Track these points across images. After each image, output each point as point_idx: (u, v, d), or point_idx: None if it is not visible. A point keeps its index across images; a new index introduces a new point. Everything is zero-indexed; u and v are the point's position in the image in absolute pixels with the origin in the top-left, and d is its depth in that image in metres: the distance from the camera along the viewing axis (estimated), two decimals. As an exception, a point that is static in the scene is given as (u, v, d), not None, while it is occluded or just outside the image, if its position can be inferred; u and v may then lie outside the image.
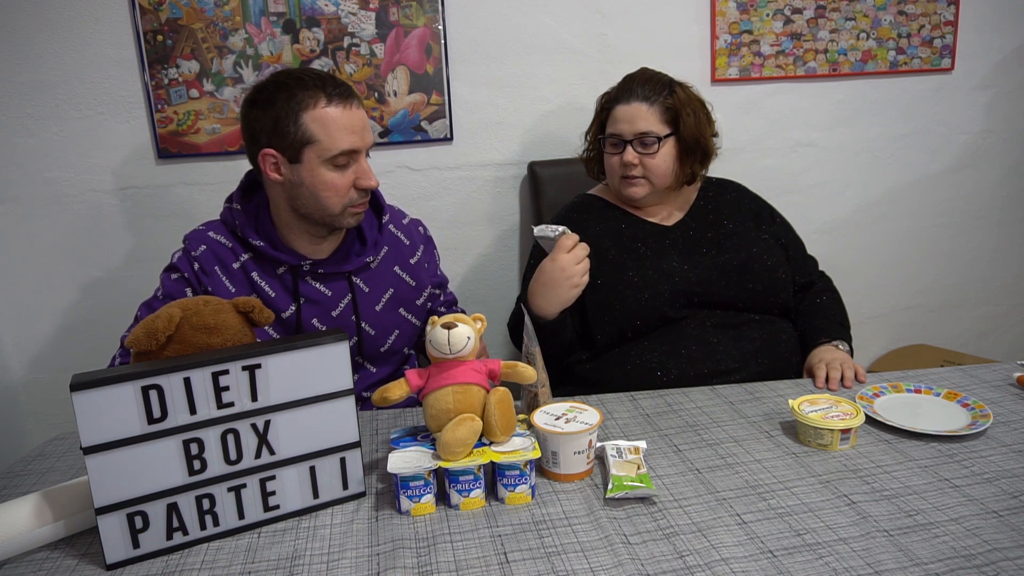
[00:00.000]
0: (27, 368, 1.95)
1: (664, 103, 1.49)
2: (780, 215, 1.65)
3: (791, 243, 1.61)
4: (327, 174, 1.25)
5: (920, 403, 1.24)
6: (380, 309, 1.40)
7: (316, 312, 1.34)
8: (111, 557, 0.90)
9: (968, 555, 0.85)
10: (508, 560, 0.87)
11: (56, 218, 1.88)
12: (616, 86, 1.56)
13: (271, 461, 0.96)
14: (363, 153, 1.28)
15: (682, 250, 1.52)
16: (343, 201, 1.28)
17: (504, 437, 1.03)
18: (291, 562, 0.89)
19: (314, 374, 0.97)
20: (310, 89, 1.23)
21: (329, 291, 1.35)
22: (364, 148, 1.28)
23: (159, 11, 1.79)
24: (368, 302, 1.39)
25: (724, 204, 1.60)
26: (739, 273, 1.48)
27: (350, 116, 1.25)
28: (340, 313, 1.36)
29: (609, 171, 1.55)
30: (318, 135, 1.23)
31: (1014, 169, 2.35)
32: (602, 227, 1.54)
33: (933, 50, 2.19)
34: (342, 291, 1.36)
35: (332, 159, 1.24)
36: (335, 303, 1.36)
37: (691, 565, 0.85)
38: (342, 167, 1.26)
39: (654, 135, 1.48)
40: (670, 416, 1.24)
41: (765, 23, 2.08)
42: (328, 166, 1.25)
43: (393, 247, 1.44)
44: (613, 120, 1.52)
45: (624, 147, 1.50)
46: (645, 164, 1.49)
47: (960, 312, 2.45)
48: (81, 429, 0.85)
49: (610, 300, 1.46)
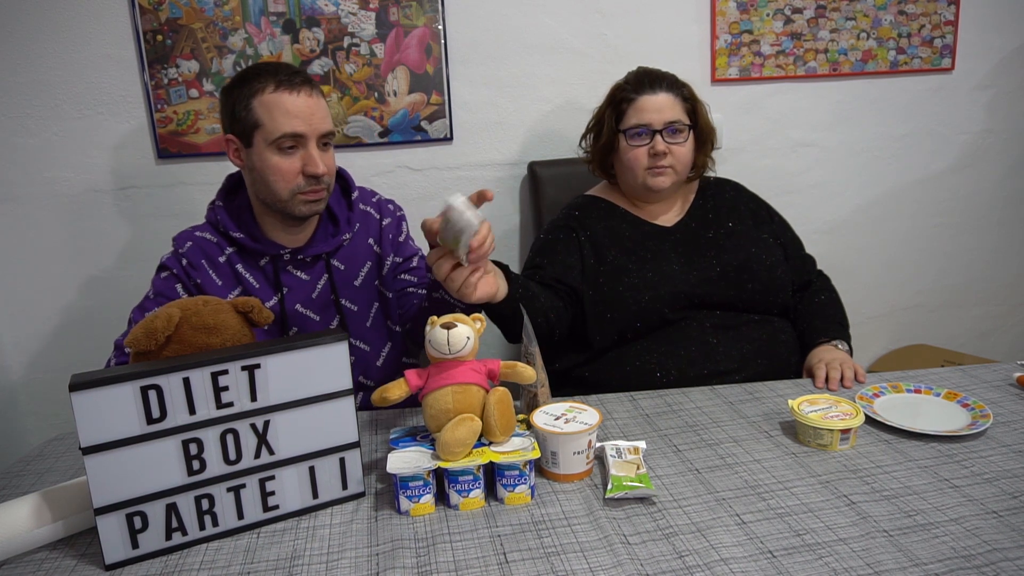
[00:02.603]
0: (27, 368, 1.95)
1: (683, 95, 1.53)
2: (778, 214, 1.65)
3: (789, 242, 1.61)
4: (272, 158, 1.29)
5: (920, 403, 1.24)
6: (359, 284, 1.44)
7: (299, 298, 1.38)
8: (110, 557, 0.90)
9: (968, 555, 0.85)
10: (507, 560, 0.87)
11: (56, 218, 1.88)
12: (631, 82, 1.55)
13: (270, 461, 0.96)
14: (312, 139, 1.30)
15: (682, 252, 1.52)
16: (290, 187, 1.31)
17: (503, 437, 1.03)
18: (290, 562, 0.89)
19: (313, 374, 0.97)
20: (262, 76, 1.29)
21: (307, 276, 1.40)
22: (310, 134, 1.29)
23: (159, 11, 1.79)
24: (346, 279, 1.42)
25: (723, 203, 1.60)
26: (738, 273, 1.48)
27: (295, 101, 1.28)
28: (319, 294, 1.40)
29: (632, 163, 1.52)
30: (263, 119, 1.28)
31: (1014, 169, 2.35)
32: (604, 227, 1.54)
33: (933, 50, 2.19)
34: (319, 273, 1.40)
35: (276, 142, 1.28)
36: (313, 286, 1.40)
37: (690, 565, 0.85)
38: (288, 152, 1.29)
39: (682, 123, 1.51)
40: (670, 416, 1.24)
41: (765, 23, 2.08)
42: (273, 149, 1.29)
43: (364, 222, 1.47)
44: (638, 110, 1.51)
45: (653, 137, 1.50)
46: (673, 153, 1.50)
47: (960, 312, 2.45)
48: (80, 429, 0.85)
49: (610, 302, 1.46)
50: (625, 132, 1.52)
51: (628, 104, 1.53)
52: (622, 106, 1.54)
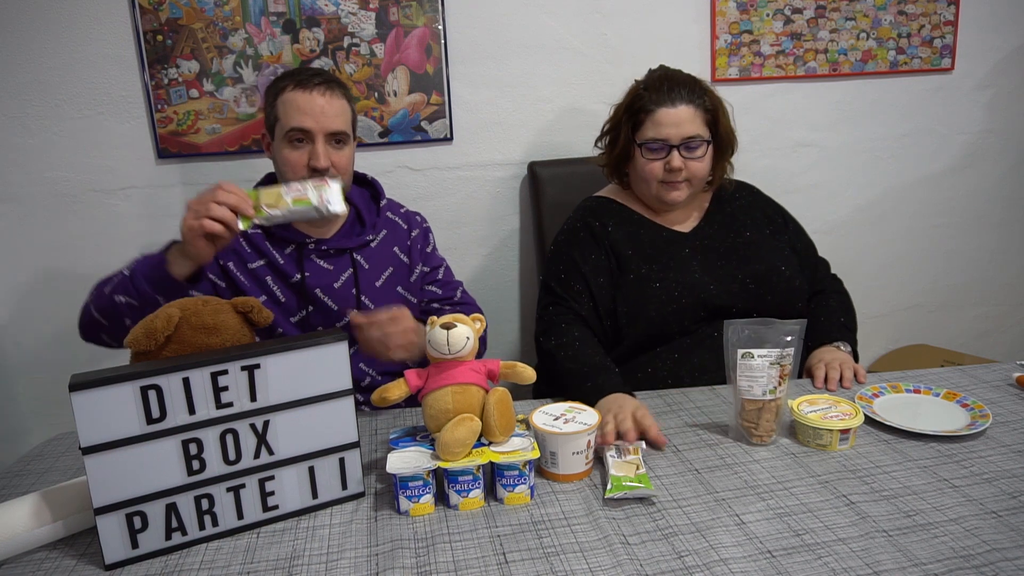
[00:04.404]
0: (27, 368, 1.95)
1: (704, 105, 1.47)
2: (793, 219, 1.63)
3: (804, 248, 1.60)
4: (284, 150, 1.38)
5: (919, 403, 1.24)
6: (380, 285, 1.47)
7: (320, 283, 1.42)
8: (110, 557, 0.90)
9: (967, 555, 0.85)
10: (507, 560, 0.88)
11: (56, 218, 1.88)
12: (651, 87, 1.48)
13: (270, 461, 0.97)
14: (319, 135, 1.36)
15: (702, 259, 1.49)
16: (298, 178, 1.35)
17: (503, 437, 1.03)
18: (290, 562, 0.90)
19: (313, 374, 0.97)
20: (288, 77, 1.40)
21: (331, 266, 1.44)
22: (317, 130, 1.36)
23: (159, 11, 1.79)
24: (368, 278, 1.46)
25: (739, 209, 1.57)
26: (759, 285, 1.46)
27: (307, 99, 1.36)
28: (342, 285, 1.44)
29: (647, 176, 1.48)
30: (279, 114, 1.38)
31: (1014, 169, 2.35)
32: (622, 232, 1.51)
33: (933, 50, 2.19)
34: (344, 266, 1.45)
35: (286, 135, 1.37)
36: (337, 276, 1.44)
37: (690, 566, 0.85)
38: (297, 145, 1.37)
39: (700, 138, 1.46)
40: (670, 416, 1.24)
41: (765, 23, 2.08)
42: (285, 142, 1.38)
43: (391, 230, 1.52)
44: (656, 124, 1.45)
45: (670, 152, 1.45)
46: (689, 167, 1.46)
47: (960, 312, 2.45)
48: (80, 429, 0.85)
49: (634, 314, 1.43)
50: (641, 145, 1.48)
51: (646, 115, 1.46)
52: (640, 116, 1.48)
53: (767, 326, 1.14)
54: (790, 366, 1.12)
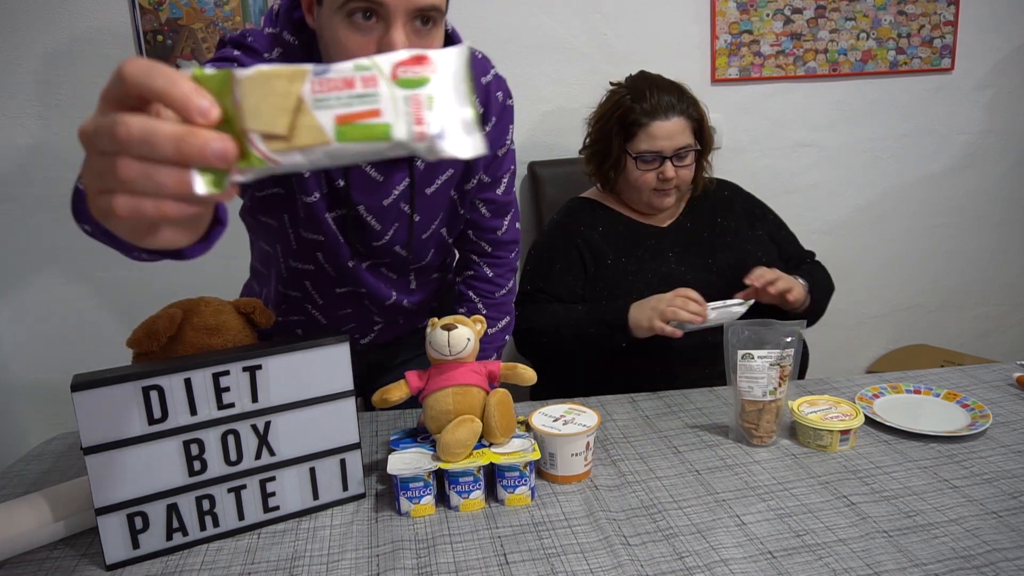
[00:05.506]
0: (27, 368, 1.95)
1: (692, 115, 1.51)
2: (772, 212, 1.66)
3: (784, 240, 1.62)
4: (340, 29, 0.95)
5: (920, 404, 1.24)
6: (431, 192, 1.18)
7: (366, 200, 1.14)
8: (111, 557, 0.90)
9: (967, 556, 0.85)
10: (508, 561, 0.88)
11: (56, 218, 1.88)
12: (637, 96, 1.50)
13: (271, 462, 0.97)
14: (398, 12, 0.92)
15: (679, 252, 1.53)
16: None
17: (504, 439, 1.03)
18: (291, 563, 0.90)
19: (314, 375, 0.97)
20: None
21: (381, 176, 1.13)
22: (396, 6, 0.91)
23: (159, 11, 1.79)
24: (421, 184, 1.16)
25: (718, 202, 1.61)
26: (734, 273, 1.48)
27: None
28: (391, 202, 1.15)
29: (640, 186, 1.52)
30: None
31: (1014, 169, 2.36)
32: (603, 232, 1.55)
33: (933, 50, 2.19)
34: (398, 177, 1.14)
35: (343, 6, 0.93)
36: (388, 191, 1.14)
37: (690, 566, 0.85)
38: (360, 26, 0.94)
39: (690, 147, 1.51)
40: (669, 417, 1.24)
41: (765, 23, 2.08)
42: (341, 16, 0.94)
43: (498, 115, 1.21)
44: (650, 137, 1.48)
45: (663, 163, 1.49)
46: (679, 175, 1.51)
47: (960, 312, 2.46)
48: (82, 429, 0.85)
49: None
50: (635, 156, 1.50)
51: (639, 128, 1.49)
52: (632, 128, 1.51)
53: (767, 327, 1.14)
54: (790, 367, 1.12)
